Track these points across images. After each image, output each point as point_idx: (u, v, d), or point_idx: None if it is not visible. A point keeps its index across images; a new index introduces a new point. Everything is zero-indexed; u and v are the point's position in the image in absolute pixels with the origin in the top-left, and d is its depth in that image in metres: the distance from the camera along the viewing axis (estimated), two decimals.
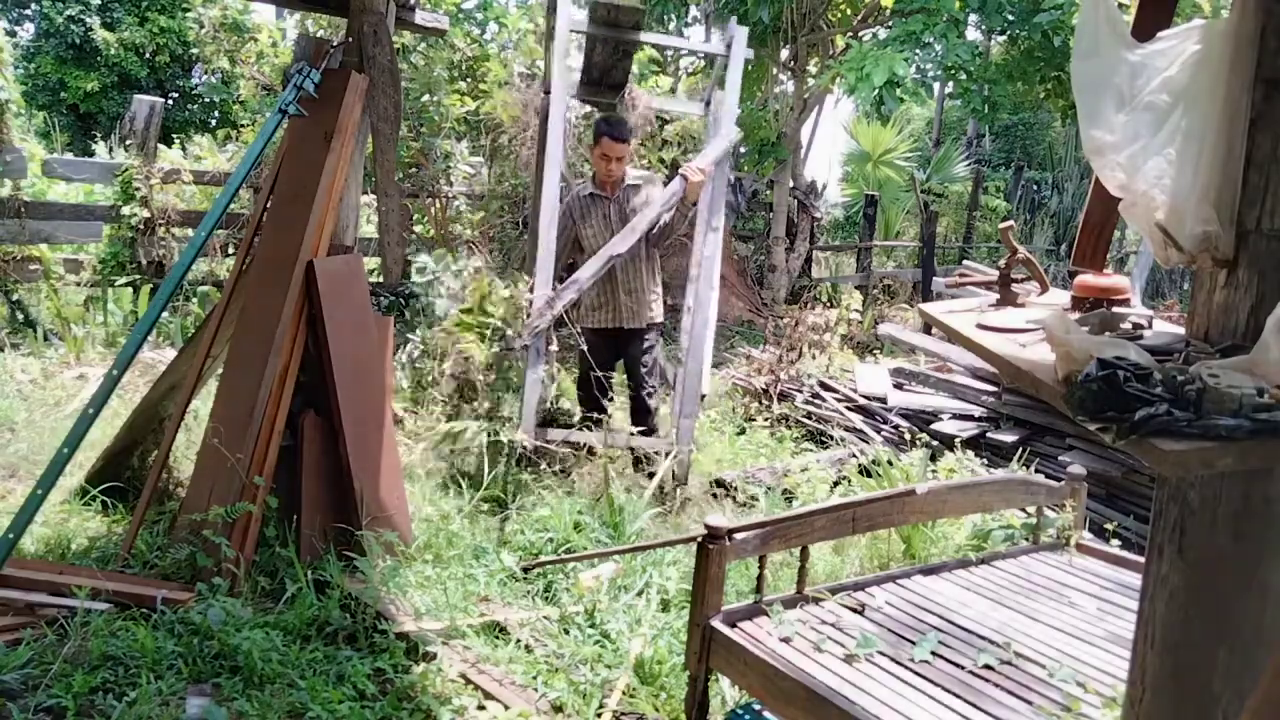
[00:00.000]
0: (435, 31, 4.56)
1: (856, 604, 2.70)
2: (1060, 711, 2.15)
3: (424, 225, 8.10)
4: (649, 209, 4.42)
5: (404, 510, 3.61)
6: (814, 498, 4.44)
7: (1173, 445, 1.11)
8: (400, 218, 4.55)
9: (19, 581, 2.95)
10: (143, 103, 7.06)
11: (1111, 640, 2.56)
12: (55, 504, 3.62)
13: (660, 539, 3.75)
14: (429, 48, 8.12)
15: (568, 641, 3.03)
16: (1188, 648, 1.32)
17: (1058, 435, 4.95)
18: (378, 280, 6.64)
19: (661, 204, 4.39)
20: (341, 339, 3.47)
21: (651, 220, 4.41)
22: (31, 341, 5.95)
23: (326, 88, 3.52)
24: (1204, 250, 1.28)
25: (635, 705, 2.79)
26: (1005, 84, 9.20)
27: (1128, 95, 1.38)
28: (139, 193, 6.70)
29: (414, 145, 7.85)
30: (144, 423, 3.83)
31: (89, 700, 2.47)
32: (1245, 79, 1.25)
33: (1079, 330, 1.35)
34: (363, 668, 2.75)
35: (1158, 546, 1.35)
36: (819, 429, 5.68)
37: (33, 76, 14.91)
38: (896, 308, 10.29)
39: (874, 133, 12.72)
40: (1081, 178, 14.33)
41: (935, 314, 1.89)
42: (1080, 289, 1.71)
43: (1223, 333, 1.31)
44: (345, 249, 3.70)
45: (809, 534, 2.71)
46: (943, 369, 5.90)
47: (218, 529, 3.15)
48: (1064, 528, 3.36)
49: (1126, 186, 1.39)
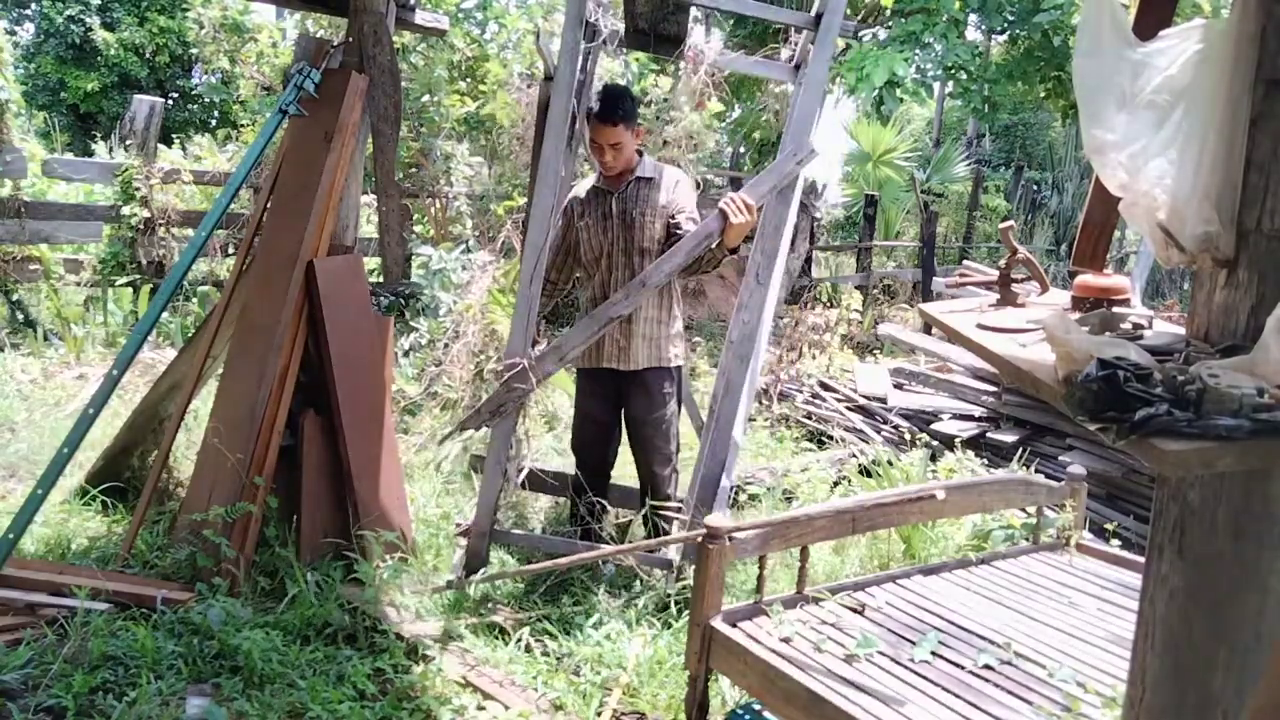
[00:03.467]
0: (435, 31, 4.56)
1: (856, 604, 2.70)
2: (1060, 711, 2.15)
3: (424, 225, 8.11)
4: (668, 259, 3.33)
5: (404, 510, 3.61)
6: (814, 498, 4.44)
7: (1173, 445, 1.11)
8: (400, 218, 4.47)
9: (19, 581, 2.95)
10: (143, 103, 7.06)
11: (1111, 640, 2.56)
12: (55, 504, 3.62)
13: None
14: (429, 48, 8.12)
15: (568, 641, 3.03)
16: (1188, 648, 1.32)
17: (1058, 435, 4.95)
18: (378, 280, 6.65)
19: (685, 251, 3.31)
20: (341, 339, 3.47)
21: (668, 273, 3.34)
22: (31, 341, 5.96)
23: (327, 88, 3.52)
24: (1204, 250, 1.28)
25: (635, 705, 2.79)
26: (1005, 84, 9.21)
27: (1129, 94, 1.38)
28: (139, 193, 6.71)
29: (414, 145, 7.85)
30: (144, 423, 3.83)
31: (89, 700, 2.47)
32: (1246, 79, 1.25)
33: (1079, 330, 1.35)
34: (363, 668, 2.75)
35: (1158, 546, 1.35)
36: (819, 429, 5.68)
37: (33, 76, 14.93)
38: (896, 308, 10.29)
39: (874, 133, 12.71)
40: (1081, 178, 14.33)
41: (935, 314, 1.89)
42: (1080, 289, 1.71)
43: (1223, 333, 1.31)
44: (345, 249, 3.70)
45: (809, 534, 2.70)
46: (943, 369, 5.90)
47: (218, 529, 3.15)
48: (1064, 528, 3.36)
49: (1127, 186, 1.39)
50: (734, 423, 3.39)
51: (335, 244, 3.62)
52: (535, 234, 3.35)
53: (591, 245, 3.58)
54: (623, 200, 3.54)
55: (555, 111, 3.34)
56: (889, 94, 7.55)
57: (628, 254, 3.53)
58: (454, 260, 6.36)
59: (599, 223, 3.56)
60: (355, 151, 3.66)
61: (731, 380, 3.37)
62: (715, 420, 3.37)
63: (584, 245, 3.61)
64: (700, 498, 3.29)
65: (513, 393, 3.28)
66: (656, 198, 3.54)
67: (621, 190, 3.55)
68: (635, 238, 3.52)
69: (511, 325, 3.41)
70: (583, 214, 3.61)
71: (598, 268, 3.59)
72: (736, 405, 3.39)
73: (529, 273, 3.32)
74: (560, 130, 3.35)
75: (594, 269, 3.61)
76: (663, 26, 4.08)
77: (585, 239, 3.59)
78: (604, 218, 3.56)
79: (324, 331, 3.43)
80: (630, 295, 3.32)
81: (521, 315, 3.34)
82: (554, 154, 3.36)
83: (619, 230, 3.53)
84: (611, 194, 3.56)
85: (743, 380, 3.40)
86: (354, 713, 2.55)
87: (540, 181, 3.37)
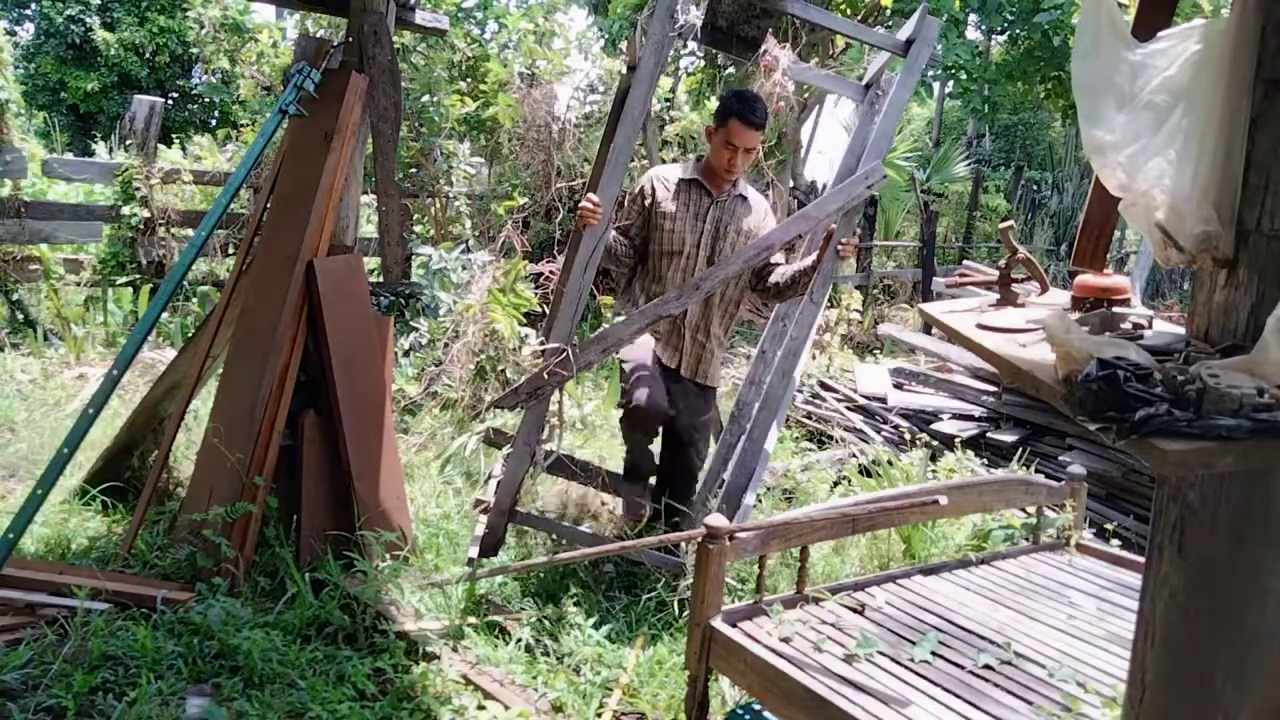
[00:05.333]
0: (435, 31, 4.56)
1: (856, 604, 2.70)
2: (1060, 711, 2.15)
3: (424, 225, 8.11)
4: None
5: (404, 510, 3.61)
6: (814, 498, 4.44)
7: (1173, 445, 1.11)
8: (400, 218, 4.46)
9: (19, 581, 2.95)
10: (143, 103, 7.06)
11: (1111, 640, 2.56)
12: (55, 504, 3.62)
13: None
14: (429, 48, 8.12)
15: (568, 641, 3.03)
16: (1188, 648, 1.32)
17: (1058, 435, 4.95)
18: (378, 280, 6.65)
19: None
20: (341, 339, 3.47)
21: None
22: (31, 341, 5.95)
23: (327, 88, 3.52)
24: (1204, 250, 1.28)
25: (635, 705, 2.79)
26: (1005, 84, 9.21)
27: (1128, 95, 1.38)
28: (139, 193, 6.71)
29: (414, 145, 7.85)
30: (144, 423, 3.83)
31: (89, 700, 2.47)
32: (1245, 79, 1.25)
33: (1079, 330, 1.35)
34: (363, 668, 2.75)
35: (1158, 546, 1.35)
36: (819, 429, 5.68)
37: (33, 76, 14.93)
38: (896, 308, 10.29)
39: None
40: (1081, 178, 14.32)
41: (935, 314, 1.88)
42: (1080, 289, 1.71)
43: (1223, 333, 1.31)
44: (345, 249, 3.70)
45: (809, 534, 2.71)
46: (943, 369, 5.91)
47: (218, 529, 3.15)
48: (1064, 528, 3.36)
49: (1127, 186, 1.39)
50: (768, 435, 3.42)
51: (335, 244, 3.62)
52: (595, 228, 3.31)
53: (674, 238, 3.46)
54: (720, 209, 3.49)
55: (634, 101, 3.31)
56: None
57: (710, 262, 3.46)
58: (454, 260, 6.37)
59: (690, 219, 3.47)
60: (355, 151, 3.66)
61: (772, 395, 3.41)
62: (749, 432, 3.41)
63: (665, 234, 3.47)
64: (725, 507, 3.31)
65: (553, 377, 3.26)
66: (747, 220, 3.52)
67: (721, 198, 3.49)
68: (721, 250, 3.47)
69: (558, 310, 3.38)
70: (673, 200, 3.48)
71: (672, 263, 3.48)
72: (772, 419, 3.43)
73: (584, 260, 3.27)
74: (637, 120, 3.31)
75: (667, 262, 3.49)
76: (743, 28, 4.07)
77: (669, 227, 3.47)
78: (697, 218, 3.48)
79: (324, 331, 3.43)
80: (683, 296, 3.29)
81: (570, 302, 3.29)
82: (626, 143, 3.32)
83: (709, 236, 3.46)
84: (711, 196, 3.49)
85: (782, 395, 3.44)
86: (354, 713, 2.55)
87: (610, 168, 3.31)
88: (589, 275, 3.29)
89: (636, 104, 3.30)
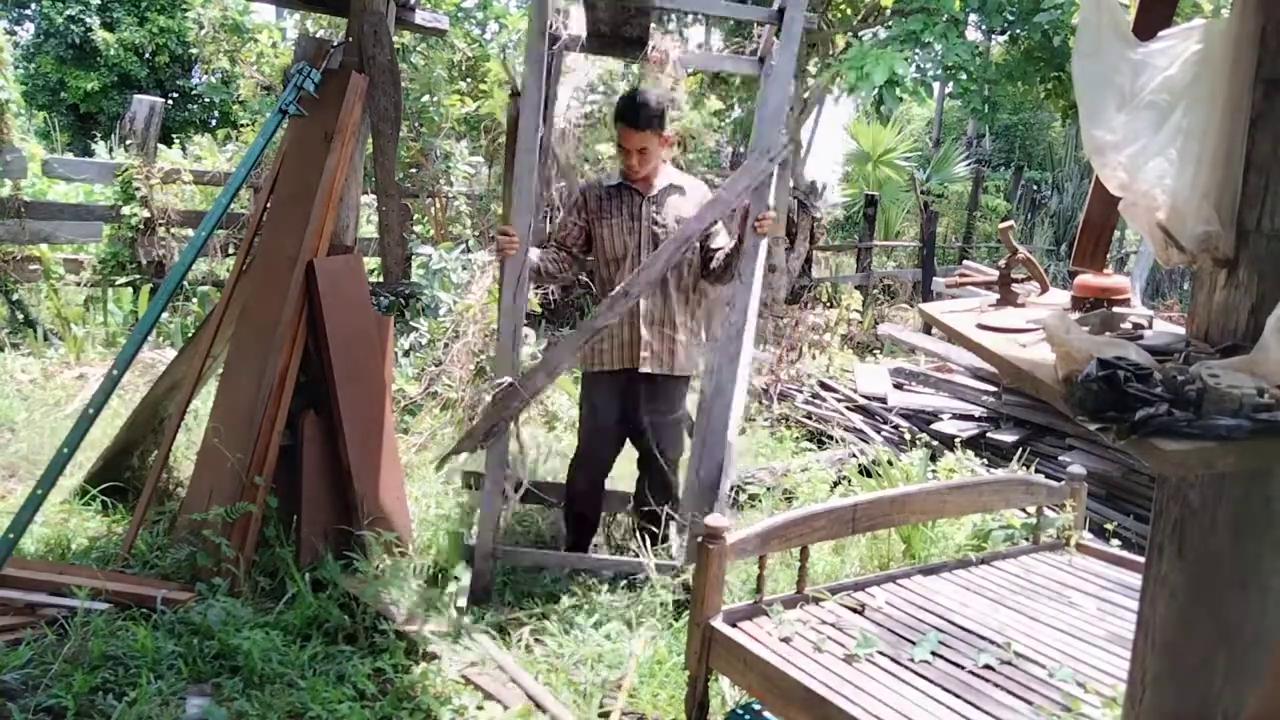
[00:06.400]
0: (435, 31, 4.56)
1: (856, 604, 2.70)
2: (1060, 711, 2.15)
3: (424, 225, 8.11)
4: (656, 261, 3.25)
5: (404, 510, 3.61)
6: (814, 498, 4.44)
7: (1173, 445, 1.11)
8: (400, 218, 4.44)
9: (19, 581, 2.95)
10: (143, 103, 7.06)
11: (1111, 640, 2.56)
12: (55, 504, 3.62)
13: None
14: (429, 48, 8.13)
15: (568, 641, 3.03)
16: (1188, 648, 1.32)
17: (1058, 435, 4.95)
18: (378, 280, 6.65)
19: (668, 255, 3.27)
20: (341, 339, 3.47)
21: (649, 282, 3.28)
22: (31, 341, 5.95)
23: (327, 88, 3.52)
24: (1204, 250, 1.28)
25: (635, 705, 2.79)
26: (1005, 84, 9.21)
27: (1129, 94, 1.38)
28: (139, 193, 6.71)
29: (414, 145, 7.85)
30: (144, 423, 3.83)
31: (89, 700, 2.47)
32: (1246, 79, 1.25)
33: (1079, 330, 1.35)
34: (363, 667, 2.75)
35: (1158, 546, 1.35)
36: (819, 429, 5.68)
37: (33, 76, 14.93)
38: (896, 308, 10.30)
39: (874, 133, 12.71)
40: (1081, 178, 14.32)
41: (935, 314, 1.89)
42: (1080, 289, 1.71)
43: (1223, 333, 1.31)
44: (345, 249, 3.70)
45: (809, 534, 2.70)
46: (943, 369, 5.90)
47: (218, 529, 3.15)
48: (1064, 528, 3.36)
49: (1127, 186, 1.39)
50: (727, 423, 3.35)
51: (335, 244, 3.62)
52: (515, 257, 3.27)
53: (615, 245, 3.48)
54: (654, 204, 3.47)
55: (526, 128, 3.22)
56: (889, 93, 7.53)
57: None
58: (454, 260, 6.37)
59: (626, 222, 3.47)
60: (355, 151, 3.66)
61: (722, 380, 3.34)
62: (708, 421, 3.32)
63: (606, 243, 3.49)
64: (697, 501, 3.26)
65: (506, 413, 3.25)
66: (685, 209, 3.46)
67: (652, 194, 3.48)
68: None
69: (497, 345, 3.35)
70: (606, 208, 3.49)
71: (619, 268, 3.48)
72: (729, 405, 3.36)
73: (511, 290, 3.24)
74: (532, 148, 3.24)
75: (613, 268, 3.49)
76: (625, 29, 4.00)
77: (608, 235, 3.48)
78: (633, 219, 3.47)
79: (324, 331, 3.43)
80: (614, 306, 3.23)
81: (506, 334, 3.28)
82: (527, 172, 3.24)
83: (647, 235, 3.44)
84: (642, 196, 3.47)
85: (733, 380, 3.37)
86: (354, 712, 2.55)
87: (518, 198, 3.25)
88: (520, 301, 3.27)
89: (529, 130, 3.22)
